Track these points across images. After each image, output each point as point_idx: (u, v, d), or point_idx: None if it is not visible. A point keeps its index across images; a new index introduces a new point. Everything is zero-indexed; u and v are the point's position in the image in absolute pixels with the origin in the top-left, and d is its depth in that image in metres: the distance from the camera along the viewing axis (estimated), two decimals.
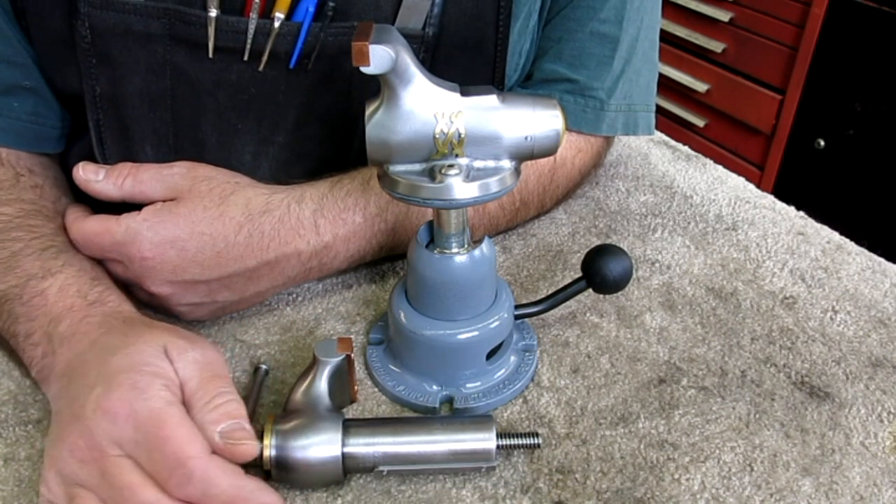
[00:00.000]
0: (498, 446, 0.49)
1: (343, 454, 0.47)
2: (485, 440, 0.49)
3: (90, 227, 0.57)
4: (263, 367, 0.57)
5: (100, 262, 0.58)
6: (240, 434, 0.45)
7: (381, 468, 0.48)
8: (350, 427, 0.48)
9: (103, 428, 0.44)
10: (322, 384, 0.50)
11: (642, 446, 0.52)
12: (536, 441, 0.50)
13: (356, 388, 0.55)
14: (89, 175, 0.58)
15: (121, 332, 0.50)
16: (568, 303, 0.60)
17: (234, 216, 0.57)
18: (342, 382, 0.53)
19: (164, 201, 0.57)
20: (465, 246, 0.53)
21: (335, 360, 0.51)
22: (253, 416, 0.52)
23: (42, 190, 0.63)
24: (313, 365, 0.51)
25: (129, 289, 0.60)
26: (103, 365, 0.47)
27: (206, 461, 0.43)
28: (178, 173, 0.58)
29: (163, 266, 0.55)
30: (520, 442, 0.50)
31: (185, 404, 0.46)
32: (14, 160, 0.63)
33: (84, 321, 0.52)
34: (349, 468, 0.48)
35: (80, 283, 0.54)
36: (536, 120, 0.50)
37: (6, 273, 0.55)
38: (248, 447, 0.45)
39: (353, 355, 0.52)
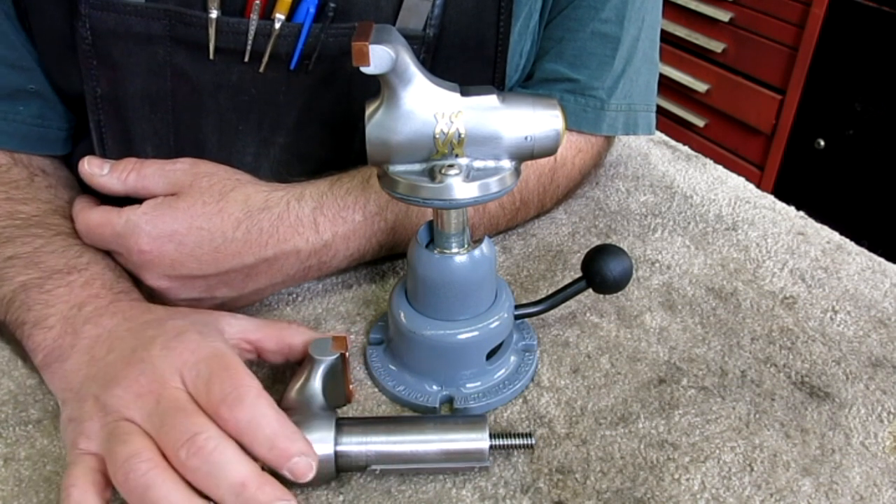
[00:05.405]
0: (491, 446, 0.49)
1: (336, 453, 0.47)
2: (477, 440, 0.49)
3: (93, 218, 0.57)
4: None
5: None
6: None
7: (373, 467, 0.48)
8: (343, 426, 0.48)
9: (168, 362, 0.46)
10: (316, 383, 0.50)
11: (642, 446, 0.52)
12: (530, 441, 0.50)
13: (351, 387, 0.55)
14: (94, 169, 0.58)
15: (154, 311, 0.52)
16: (568, 303, 0.60)
17: (232, 212, 0.57)
18: (336, 381, 0.53)
19: (165, 196, 0.57)
20: (465, 246, 0.53)
21: (329, 359, 0.51)
22: None
23: (56, 190, 0.63)
24: (308, 363, 0.51)
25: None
26: (161, 325, 0.50)
27: (259, 391, 0.45)
28: (180, 169, 0.58)
29: (160, 260, 0.56)
30: (513, 442, 0.50)
31: None
32: (27, 160, 0.63)
33: (111, 306, 0.53)
34: (342, 467, 0.48)
35: (104, 279, 0.55)
36: (536, 120, 0.50)
37: (28, 266, 0.55)
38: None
39: (347, 354, 0.52)
